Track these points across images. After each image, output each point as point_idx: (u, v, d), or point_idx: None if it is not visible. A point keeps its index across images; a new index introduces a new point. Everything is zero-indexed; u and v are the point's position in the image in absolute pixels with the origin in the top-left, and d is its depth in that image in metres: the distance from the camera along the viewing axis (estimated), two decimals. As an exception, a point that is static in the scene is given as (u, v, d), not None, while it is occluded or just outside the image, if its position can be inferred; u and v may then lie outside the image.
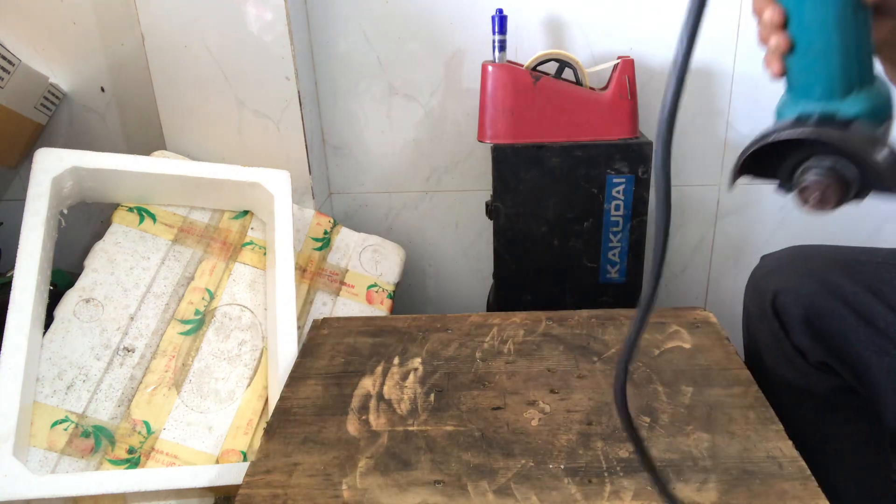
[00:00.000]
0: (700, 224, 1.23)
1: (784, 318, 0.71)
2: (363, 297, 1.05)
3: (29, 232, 0.84)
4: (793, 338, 0.71)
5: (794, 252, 0.76)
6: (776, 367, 0.75)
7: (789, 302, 0.70)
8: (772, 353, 0.75)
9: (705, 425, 0.66)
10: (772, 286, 0.72)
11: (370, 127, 1.18)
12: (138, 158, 0.95)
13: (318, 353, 0.82)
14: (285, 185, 0.99)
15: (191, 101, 1.05)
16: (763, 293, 0.74)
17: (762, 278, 0.75)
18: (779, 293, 0.71)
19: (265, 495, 0.60)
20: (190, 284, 0.94)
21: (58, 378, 0.82)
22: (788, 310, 0.70)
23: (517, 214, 1.03)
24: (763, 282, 0.75)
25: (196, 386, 0.87)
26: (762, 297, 0.74)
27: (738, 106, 1.14)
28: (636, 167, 1.00)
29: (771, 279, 0.73)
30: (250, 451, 0.84)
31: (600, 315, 0.88)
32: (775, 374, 0.75)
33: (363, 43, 1.12)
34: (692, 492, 0.58)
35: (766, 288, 0.73)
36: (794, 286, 0.70)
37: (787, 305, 0.70)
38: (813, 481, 0.58)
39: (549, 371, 0.77)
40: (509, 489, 0.59)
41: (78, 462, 0.78)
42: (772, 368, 0.75)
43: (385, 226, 1.26)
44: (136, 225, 0.96)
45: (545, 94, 0.98)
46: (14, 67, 1.04)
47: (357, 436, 0.67)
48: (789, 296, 0.70)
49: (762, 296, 0.74)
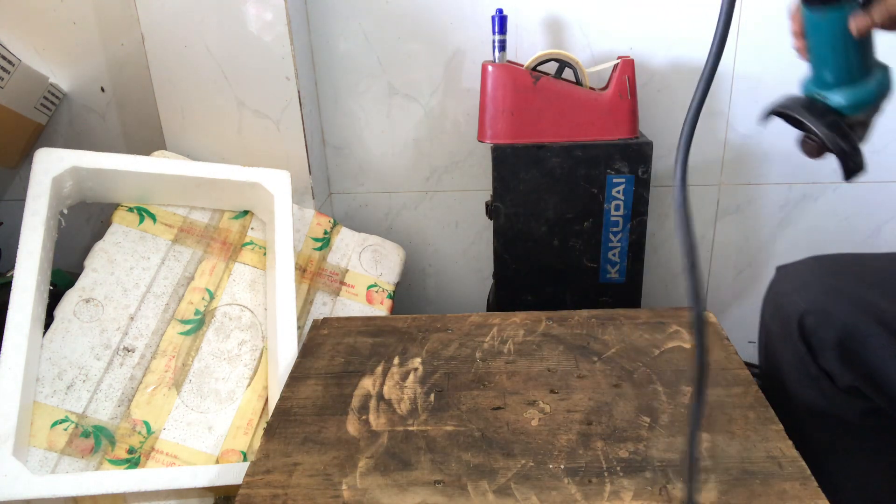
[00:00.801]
0: (700, 224, 1.23)
1: (812, 340, 0.67)
2: (363, 297, 1.05)
3: (29, 232, 0.84)
4: (821, 361, 0.66)
5: (817, 265, 0.71)
6: (799, 388, 0.70)
7: (820, 324, 0.65)
8: (795, 374, 0.70)
9: (705, 425, 0.66)
10: (799, 306, 0.67)
11: (370, 127, 1.18)
12: (138, 158, 0.95)
13: (318, 353, 0.82)
14: (285, 185, 0.99)
15: (191, 101, 1.05)
16: (788, 313, 0.69)
17: (786, 296, 0.70)
18: (807, 314, 0.66)
19: (265, 495, 0.60)
20: (190, 284, 0.94)
21: (58, 378, 0.82)
22: (818, 332, 0.65)
23: (517, 214, 1.03)
24: (787, 300, 0.70)
25: (196, 386, 0.87)
26: (787, 317, 0.69)
27: (738, 106, 1.14)
28: (636, 167, 1.00)
29: (797, 298, 0.68)
30: (250, 451, 0.84)
31: (600, 315, 0.88)
32: (797, 395, 0.70)
33: (363, 43, 1.12)
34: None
35: (791, 307, 0.68)
36: (824, 306, 0.65)
37: (817, 328, 0.66)
38: (813, 481, 0.58)
39: (549, 371, 0.77)
40: (509, 489, 0.59)
41: (78, 462, 0.78)
42: (794, 390, 0.71)
43: (385, 226, 1.26)
44: (136, 225, 0.96)
45: (545, 94, 0.98)
46: (14, 67, 1.04)
47: (357, 436, 0.67)
48: (819, 317, 0.65)
49: (787, 316, 0.69)
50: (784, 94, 0.63)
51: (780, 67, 1.11)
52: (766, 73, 1.11)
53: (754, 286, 1.27)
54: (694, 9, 1.08)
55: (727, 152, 1.18)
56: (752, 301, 1.27)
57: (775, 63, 1.11)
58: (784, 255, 1.24)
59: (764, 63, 1.11)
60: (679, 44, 1.10)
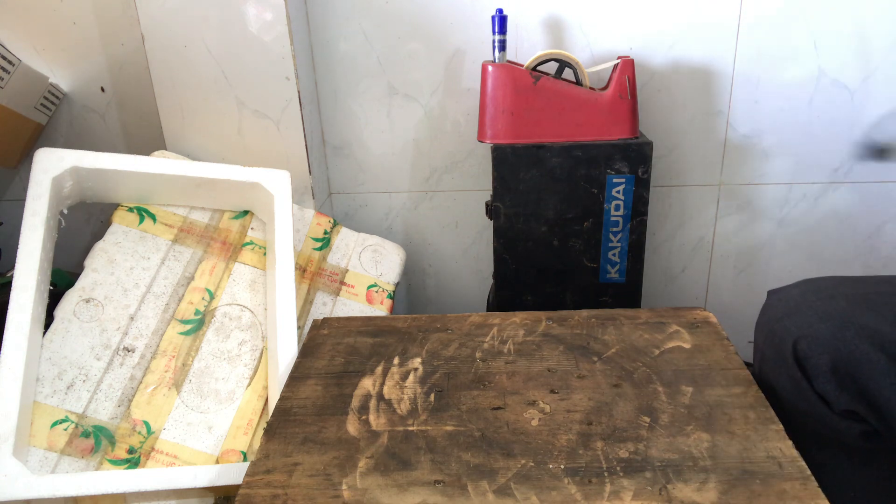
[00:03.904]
0: (700, 224, 1.23)
1: (806, 365, 0.66)
2: (363, 297, 1.05)
3: (29, 232, 0.84)
4: (816, 385, 0.66)
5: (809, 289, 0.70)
6: (796, 413, 0.70)
7: (813, 348, 0.65)
8: (791, 399, 0.70)
9: (705, 425, 0.66)
10: (792, 332, 0.67)
11: (370, 127, 1.18)
12: (138, 158, 0.95)
13: (318, 353, 0.82)
14: (285, 185, 0.99)
15: (191, 101, 1.05)
16: (781, 339, 0.68)
17: (778, 322, 0.70)
18: (800, 339, 0.66)
19: (265, 495, 0.60)
20: (190, 284, 0.94)
21: (58, 378, 0.82)
22: (811, 357, 0.65)
23: (517, 214, 1.03)
24: (780, 326, 0.69)
25: (196, 386, 0.87)
26: (781, 342, 0.68)
27: (738, 106, 1.14)
28: (636, 167, 1.00)
29: (789, 323, 0.68)
30: (250, 451, 0.84)
31: (600, 315, 0.88)
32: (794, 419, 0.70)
33: (363, 43, 1.12)
34: (692, 492, 0.58)
35: (784, 333, 0.68)
36: (817, 331, 0.65)
37: (810, 352, 0.65)
38: (813, 481, 0.58)
39: (549, 371, 0.77)
40: (509, 489, 0.59)
41: (78, 462, 0.78)
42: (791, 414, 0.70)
43: (385, 226, 1.26)
44: (136, 225, 0.96)
45: (545, 94, 0.98)
46: (14, 67, 1.04)
47: (357, 436, 0.67)
48: (812, 342, 0.65)
49: (781, 341, 0.68)
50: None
51: (780, 67, 1.11)
52: (766, 73, 1.11)
53: (754, 286, 1.27)
54: (694, 9, 1.08)
55: (727, 152, 1.18)
56: (752, 301, 1.27)
57: (775, 63, 1.11)
58: (784, 255, 1.24)
59: (764, 63, 1.11)
60: (679, 44, 1.10)
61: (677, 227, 1.23)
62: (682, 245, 1.25)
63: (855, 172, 1.18)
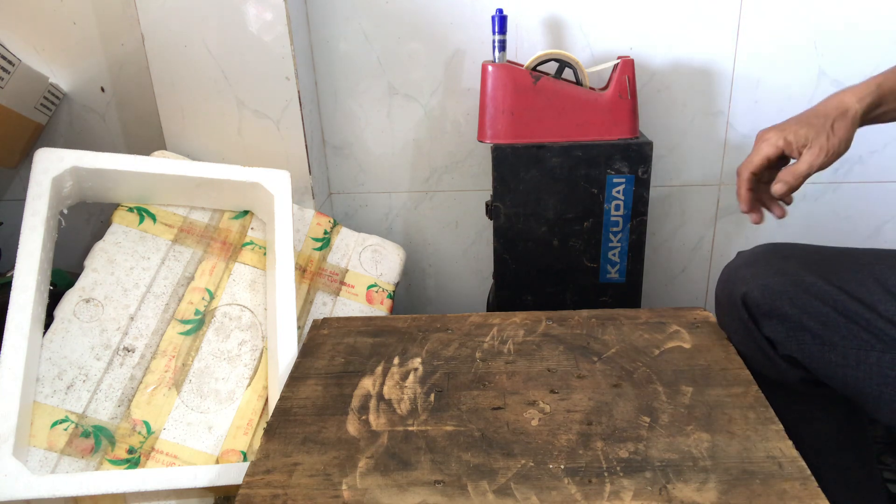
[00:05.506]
0: (700, 224, 1.23)
1: (753, 310, 0.72)
2: (363, 297, 1.05)
3: (29, 232, 0.84)
4: (763, 329, 0.71)
5: (769, 249, 0.76)
6: (748, 354, 0.76)
7: (760, 295, 0.70)
8: (743, 341, 0.76)
9: (705, 425, 0.66)
10: (746, 279, 0.73)
11: (370, 127, 1.18)
12: (138, 158, 0.95)
13: (318, 353, 0.82)
14: (285, 185, 0.99)
15: (191, 101, 1.05)
16: (735, 285, 0.74)
17: (735, 270, 0.76)
18: (750, 286, 0.72)
19: (265, 495, 0.60)
20: (190, 284, 0.94)
21: (58, 378, 0.82)
22: (759, 302, 0.71)
23: (517, 214, 1.03)
24: (736, 274, 0.75)
25: (196, 386, 0.87)
26: (734, 288, 0.74)
27: (738, 106, 1.14)
28: (636, 167, 1.00)
29: (745, 272, 0.74)
30: (250, 451, 0.84)
31: (600, 315, 0.88)
32: (747, 360, 0.77)
33: (363, 43, 1.12)
34: (692, 492, 0.58)
35: (738, 281, 0.74)
36: (768, 282, 0.70)
37: (758, 298, 0.71)
38: (813, 481, 0.58)
39: (549, 371, 0.77)
40: (509, 489, 0.59)
41: (78, 462, 0.78)
42: (744, 357, 0.77)
43: (385, 226, 1.26)
44: (136, 225, 0.96)
45: (545, 94, 0.98)
46: (14, 67, 1.04)
47: (357, 436, 0.67)
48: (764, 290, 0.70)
49: (734, 287, 0.74)
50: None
51: (780, 67, 1.11)
52: (766, 73, 1.11)
53: (754, 286, 1.27)
54: (694, 9, 1.08)
55: (727, 152, 1.18)
56: (752, 301, 1.27)
57: (775, 63, 1.11)
58: (784, 255, 1.24)
59: (764, 63, 1.11)
60: (679, 44, 1.10)
61: (677, 227, 1.23)
62: (682, 245, 1.25)
63: (855, 172, 1.18)
